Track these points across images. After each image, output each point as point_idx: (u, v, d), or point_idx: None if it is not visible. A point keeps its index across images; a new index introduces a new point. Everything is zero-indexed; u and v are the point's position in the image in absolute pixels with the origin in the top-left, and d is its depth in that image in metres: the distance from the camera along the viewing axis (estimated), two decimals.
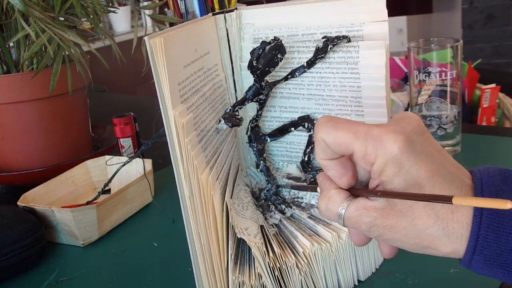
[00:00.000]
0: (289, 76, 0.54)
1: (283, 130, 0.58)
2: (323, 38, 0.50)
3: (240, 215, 0.51)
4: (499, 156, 0.80)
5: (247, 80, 0.56)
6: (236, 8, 0.55)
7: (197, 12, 0.66)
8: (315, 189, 0.44)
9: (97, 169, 0.80)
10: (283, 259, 0.48)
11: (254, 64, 0.50)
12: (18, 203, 0.67)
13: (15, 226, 0.61)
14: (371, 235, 0.37)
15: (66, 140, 0.86)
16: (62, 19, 0.80)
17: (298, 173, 0.58)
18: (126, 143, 0.86)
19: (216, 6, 0.63)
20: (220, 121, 0.49)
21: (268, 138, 0.58)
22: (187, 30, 0.46)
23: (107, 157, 0.80)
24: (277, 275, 0.47)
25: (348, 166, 0.37)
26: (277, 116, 0.58)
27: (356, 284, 0.53)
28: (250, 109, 0.57)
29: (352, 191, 0.38)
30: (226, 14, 0.54)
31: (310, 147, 0.56)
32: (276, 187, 0.57)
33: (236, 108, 0.52)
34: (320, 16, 0.52)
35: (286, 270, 0.48)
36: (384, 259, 0.55)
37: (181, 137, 0.43)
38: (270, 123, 0.59)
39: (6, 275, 0.61)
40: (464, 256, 0.34)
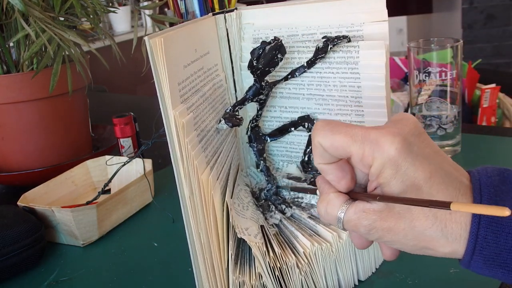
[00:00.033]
0: (289, 76, 0.54)
1: (283, 130, 0.58)
2: (323, 38, 0.50)
3: (241, 215, 0.51)
4: (499, 156, 0.80)
5: (247, 80, 0.56)
6: (236, 8, 0.55)
7: (197, 12, 0.66)
8: (314, 192, 0.44)
9: (97, 169, 0.80)
10: (284, 259, 0.48)
11: (254, 64, 0.50)
12: (18, 203, 0.67)
13: (15, 226, 0.61)
14: (370, 237, 0.37)
15: (66, 140, 0.86)
16: (62, 19, 0.80)
17: (298, 173, 0.58)
18: (126, 143, 0.86)
19: (216, 6, 0.63)
20: (220, 121, 0.49)
21: (268, 138, 0.58)
22: (187, 30, 0.46)
23: (107, 157, 0.80)
24: (277, 275, 0.47)
25: (346, 170, 0.37)
26: (277, 116, 0.58)
27: (356, 283, 0.53)
28: (250, 109, 0.57)
29: (351, 194, 0.38)
30: (226, 14, 0.54)
31: (310, 147, 0.56)
32: (276, 187, 0.57)
33: (236, 108, 0.52)
34: (320, 16, 0.52)
35: (287, 270, 0.48)
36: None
37: (181, 137, 0.43)
38: (270, 123, 0.59)
39: (6, 275, 0.61)
40: (464, 257, 0.34)
